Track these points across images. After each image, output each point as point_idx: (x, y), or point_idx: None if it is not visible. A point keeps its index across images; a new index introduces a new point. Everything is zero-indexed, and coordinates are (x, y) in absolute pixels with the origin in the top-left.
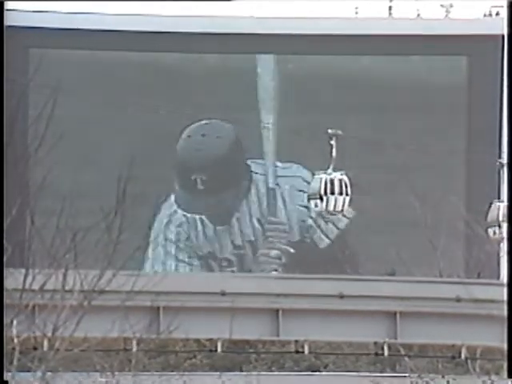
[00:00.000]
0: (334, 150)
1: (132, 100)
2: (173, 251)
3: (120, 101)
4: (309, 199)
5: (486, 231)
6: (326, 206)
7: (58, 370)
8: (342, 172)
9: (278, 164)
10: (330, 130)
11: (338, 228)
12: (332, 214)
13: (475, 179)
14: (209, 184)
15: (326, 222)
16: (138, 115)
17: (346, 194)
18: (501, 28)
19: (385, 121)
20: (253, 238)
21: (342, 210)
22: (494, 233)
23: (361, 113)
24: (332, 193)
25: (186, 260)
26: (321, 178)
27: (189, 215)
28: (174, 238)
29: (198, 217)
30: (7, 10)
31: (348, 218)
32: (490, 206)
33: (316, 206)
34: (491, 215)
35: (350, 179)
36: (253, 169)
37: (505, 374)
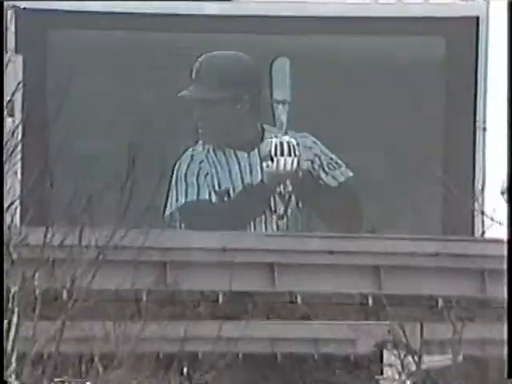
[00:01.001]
0: (283, 116)
1: (147, 75)
2: (195, 189)
3: (135, 76)
4: (261, 160)
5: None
6: (277, 166)
7: (75, 318)
8: (290, 136)
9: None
10: (276, 97)
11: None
12: (331, 169)
13: (452, 146)
14: None
15: (327, 175)
16: (152, 88)
17: (295, 155)
18: (475, 11)
19: (366, 94)
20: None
21: (292, 170)
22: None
23: (344, 88)
24: (282, 154)
25: (207, 197)
26: (271, 141)
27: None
28: (194, 177)
29: (215, 158)
30: None
31: (345, 175)
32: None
33: (267, 166)
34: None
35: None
36: (266, 129)
37: (478, 321)
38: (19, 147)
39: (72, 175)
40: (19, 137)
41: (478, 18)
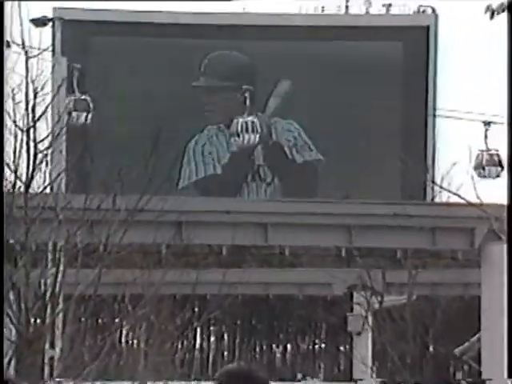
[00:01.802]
0: (247, 101)
1: (168, 72)
2: (201, 167)
3: (158, 73)
4: (230, 136)
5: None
6: (242, 141)
7: (110, 267)
8: (254, 116)
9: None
10: (244, 86)
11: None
12: (303, 150)
13: (409, 129)
14: None
15: (297, 153)
16: (171, 82)
17: (257, 132)
18: (426, 21)
19: (342, 88)
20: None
21: (255, 143)
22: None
23: (323, 84)
24: (246, 131)
25: (212, 170)
26: (237, 121)
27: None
28: (200, 157)
29: (219, 136)
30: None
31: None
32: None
33: (235, 140)
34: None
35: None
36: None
37: (429, 268)
38: (64, 130)
39: (107, 153)
40: (64, 121)
41: (428, 27)
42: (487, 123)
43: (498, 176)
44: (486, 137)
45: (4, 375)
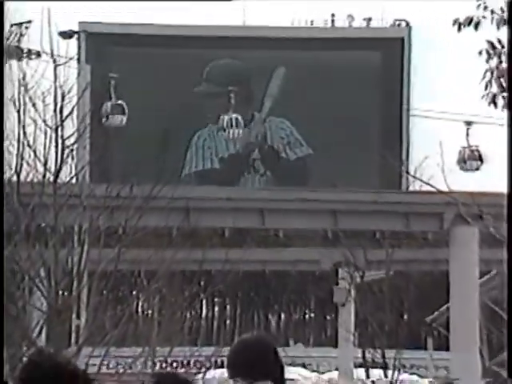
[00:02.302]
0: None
1: (176, 78)
2: (201, 161)
3: (168, 78)
4: (217, 131)
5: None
6: (229, 134)
7: (128, 247)
8: (238, 115)
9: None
10: (231, 87)
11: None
12: (295, 147)
13: (386, 126)
14: None
15: (290, 150)
16: (179, 87)
17: (241, 128)
18: (401, 33)
19: (329, 91)
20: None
21: (239, 137)
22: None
23: (312, 87)
24: (231, 126)
25: (210, 164)
26: (223, 118)
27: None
28: (201, 151)
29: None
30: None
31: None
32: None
33: (222, 134)
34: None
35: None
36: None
37: (404, 248)
38: (88, 128)
39: (125, 149)
40: (88, 120)
41: (403, 39)
42: (469, 123)
43: (477, 169)
44: (467, 135)
45: (4, 376)
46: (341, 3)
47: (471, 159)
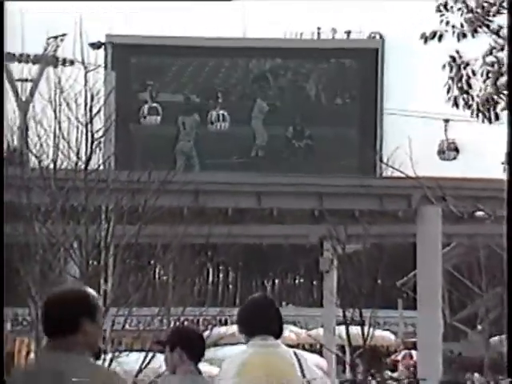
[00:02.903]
0: (219, 99)
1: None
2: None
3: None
4: (212, 124)
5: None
6: (215, 127)
7: (147, 224)
8: (224, 111)
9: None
10: (218, 88)
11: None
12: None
13: (364, 122)
14: None
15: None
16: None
17: (226, 121)
18: (375, 44)
19: (316, 94)
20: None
21: (225, 129)
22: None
23: (301, 91)
24: (218, 121)
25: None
26: (211, 113)
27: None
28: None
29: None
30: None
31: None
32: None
33: (211, 128)
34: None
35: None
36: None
37: (378, 223)
38: (113, 124)
39: (144, 141)
40: (113, 117)
41: (377, 49)
42: (446, 120)
43: (454, 158)
44: (445, 130)
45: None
46: (326, 17)
47: (449, 150)
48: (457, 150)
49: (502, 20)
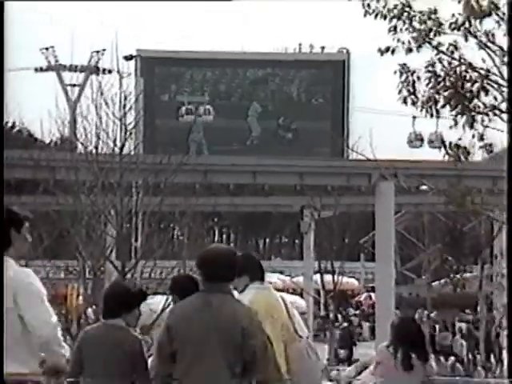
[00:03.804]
0: (207, 98)
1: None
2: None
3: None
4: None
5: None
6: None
7: (167, 195)
8: (210, 107)
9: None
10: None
11: None
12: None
13: (334, 119)
14: None
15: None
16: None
17: (211, 114)
18: (343, 57)
19: (296, 98)
20: None
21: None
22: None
23: (287, 96)
24: (205, 114)
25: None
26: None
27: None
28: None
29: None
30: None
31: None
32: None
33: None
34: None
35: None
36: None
37: (346, 195)
38: (142, 119)
39: (167, 132)
40: (141, 113)
41: (344, 61)
42: (414, 117)
43: (420, 146)
44: (413, 124)
45: (4, 375)
46: (305, 35)
47: (416, 140)
48: (422, 140)
49: (440, 39)
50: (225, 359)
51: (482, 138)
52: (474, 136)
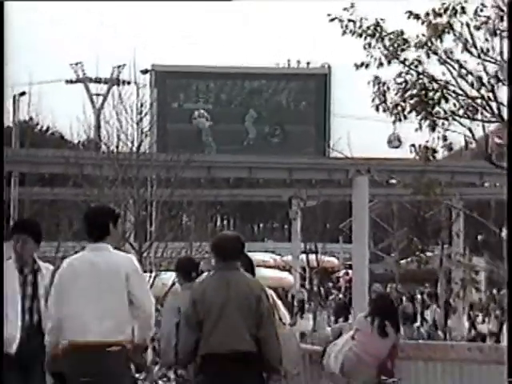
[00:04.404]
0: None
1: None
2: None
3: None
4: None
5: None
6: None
7: (177, 187)
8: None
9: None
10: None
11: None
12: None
13: (315, 122)
14: None
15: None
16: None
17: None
18: (324, 71)
19: (285, 105)
20: None
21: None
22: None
23: (276, 99)
24: (201, 117)
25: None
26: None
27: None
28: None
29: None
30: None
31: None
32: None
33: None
34: None
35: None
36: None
37: (327, 188)
38: (155, 123)
39: (177, 134)
40: (155, 118)
41: (326, 74)
42: (394, 121)
43: (399, 147)
44: (394, 127)
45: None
46: (293, 51)
47: (395, 140)
48: (400, 140)
49: (407, 55)
50: (242, 319)
51: (445, 139)
52: (439, 138)
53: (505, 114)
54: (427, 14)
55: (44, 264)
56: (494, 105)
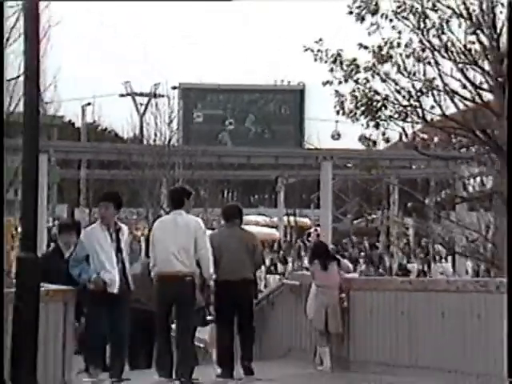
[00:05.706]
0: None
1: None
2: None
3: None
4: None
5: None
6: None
7: (196, 169)
8: (234, 119)
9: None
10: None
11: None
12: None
13: (296, 125)
14: None
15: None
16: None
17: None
18: (300, 87)
19: (271, 111)
20: None
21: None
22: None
23: (265, 109)
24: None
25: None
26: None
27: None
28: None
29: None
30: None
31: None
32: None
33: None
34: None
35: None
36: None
37: (303, 171)
38: (181, 125)
39: (196, 132)
40: (181, 120)
41: (301, 90)
42: (336, 121)
43: (338, 139)
44: (336, 126)
45: (4, 374)
46: (276, 71)
47: (335, 135)
48: (339, 135)
49: (359, 75)
50: (246, 253)
51: (383, 134)
52: (383, 134)
53: (428, 118)
54: (373, 46)
55: (122, 224)
56: (419, 111)
